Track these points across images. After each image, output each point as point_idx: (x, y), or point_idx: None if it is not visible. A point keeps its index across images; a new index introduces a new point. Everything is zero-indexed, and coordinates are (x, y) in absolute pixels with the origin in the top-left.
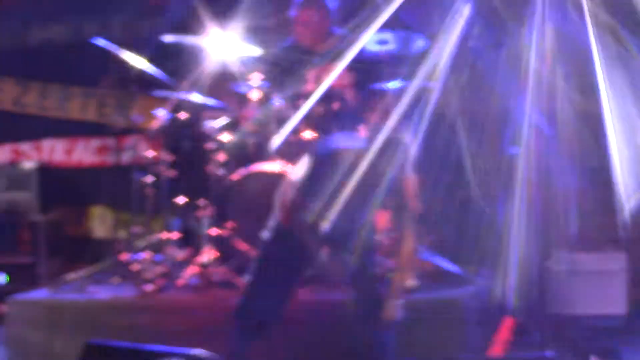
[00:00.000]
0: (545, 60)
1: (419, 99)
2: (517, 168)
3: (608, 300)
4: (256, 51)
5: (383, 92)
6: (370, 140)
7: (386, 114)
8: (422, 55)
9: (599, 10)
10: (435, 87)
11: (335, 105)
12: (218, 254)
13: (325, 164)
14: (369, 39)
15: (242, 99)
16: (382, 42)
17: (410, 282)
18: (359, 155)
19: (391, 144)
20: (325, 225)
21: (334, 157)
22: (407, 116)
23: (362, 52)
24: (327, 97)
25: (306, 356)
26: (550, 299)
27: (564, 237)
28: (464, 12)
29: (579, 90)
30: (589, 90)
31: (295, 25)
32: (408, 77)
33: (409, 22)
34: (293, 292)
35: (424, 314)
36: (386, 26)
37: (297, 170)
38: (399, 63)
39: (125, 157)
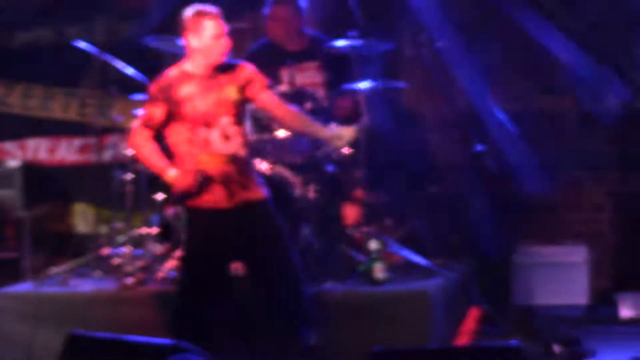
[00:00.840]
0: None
1: (388, 98)
2: (484, 164)
3: (570, 291)
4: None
5: (353, 91)
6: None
7: (356, 112)
8: (390, 56)
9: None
10: (403, 86)
11: (308, 105)
12: None
13: None
14: (341, 40)
15: None
16: (353, 43)
17: (381, 273)
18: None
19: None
20: None
21: None
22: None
23: (333, 53)
24: (300, 96)
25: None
26: (514, 290)
27: (527, 231)
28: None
29: (541, 90)
30: (550, 90)
31: (268, 21)
32: (377, 76)
33: (379, 25)
34: None
35: (394, 305)
36: (357, 29)
37: None
38: (369, 63)
39: (106, 156)
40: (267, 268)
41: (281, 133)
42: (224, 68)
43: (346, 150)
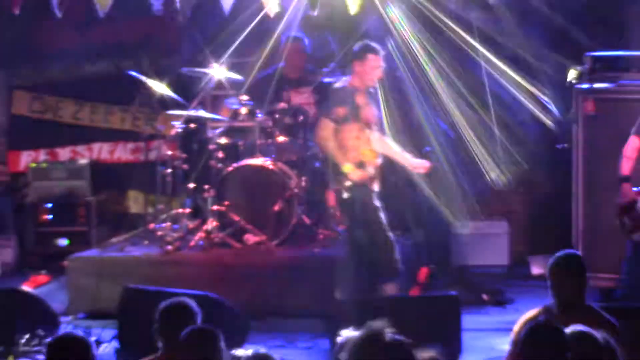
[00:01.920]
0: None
1: None
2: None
3: (495, 254)
4: (242, 79)
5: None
6: None
7: None
8: None
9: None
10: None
11: (300, 118)
12: (218, 223)
13: None
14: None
15: (235, 113)
16: (334, 75)
17: None
18: None
19: None
20: None
21: None
22: None
23: (321, 82)
24: (295, 111)
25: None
26: (454, 254)
27: (463, 210)
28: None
29: (470, 105)
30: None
31: (283, 52)
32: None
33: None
34: None
35: None
36: (336, 63)
37: None
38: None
39: (152, 155)
40: None
41: (281, 138)
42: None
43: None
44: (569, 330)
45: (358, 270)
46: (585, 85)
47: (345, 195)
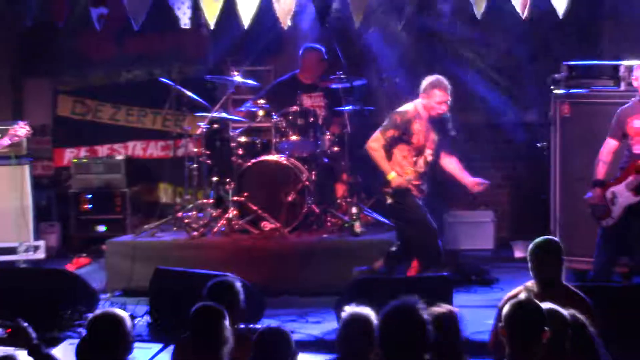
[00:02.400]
0: None
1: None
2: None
3: (482, 240)
4: (259, 84)
5: (341, 112)
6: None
7: (343, 125)
8: (364, 88)
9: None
10: (372, 108)
11: (311, 119)
12: (238, 212)
13: None
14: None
15: (253, 115)
16: (342, 81)
17: (359, 228)
18: None
19: None
20: None
21: None
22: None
23: (329, 87)
24: (307, 113)
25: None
26: (446, 239)
27: (454, 201)
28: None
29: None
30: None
31: (301, 60)
32: (356, 102)
33: (357, 68)
34: None
35: (368, 249)
36: (343, 71)
37: None
38: (350, 94)
39: (179, 152)
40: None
41: (293, 137)
42: (438, 120)
43: (336, 148)
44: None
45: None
46: (561, 91)
47: (389, 200)
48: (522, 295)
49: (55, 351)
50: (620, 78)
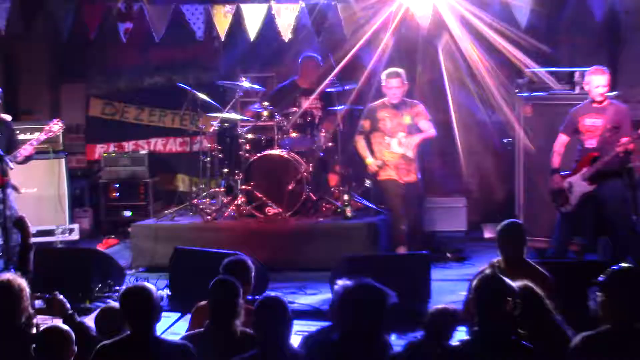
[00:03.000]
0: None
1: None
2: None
3: (456, 222)
4: (263, 88)
5: (334, 112)
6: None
7: (336, 123)
8: (354, 91)
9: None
10: (362, 107)
11: (308, 119)
12: (245, 199)
13: None
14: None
15: (259, 115)
16: (335, 85)
17: (350, 213)
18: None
19: None
20: None
21: None
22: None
23: (324, 91)
24: (304, 114)
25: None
26: (425, 221)
27: (433, 189)
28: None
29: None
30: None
31: (300, 67)
32: (346, 103)
33: (348, 75)
34: None
35: (357, 230)
36: (336, 76)
37: None
38: (342, 96)
39: (195, 147)
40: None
41: (293, 134)
42: (404, 104)
43: (330, 143)
44: None
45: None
46: (525, 94)
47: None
48: (488, 271)
49: (87, 319)
50: (574, 83)
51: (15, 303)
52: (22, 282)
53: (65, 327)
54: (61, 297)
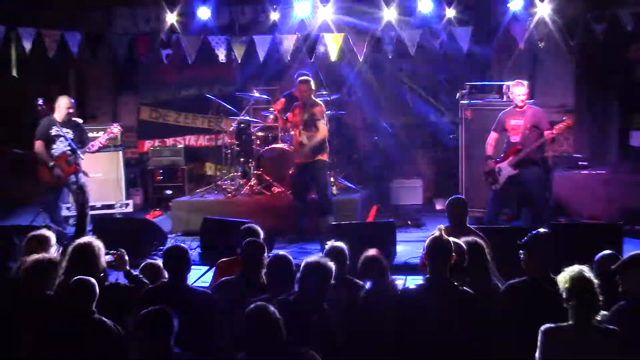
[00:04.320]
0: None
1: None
2: (378, 143)
3: (414, 198)
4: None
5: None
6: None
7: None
8: (338, 100)
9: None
10: (344, 112)
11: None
12: (257, 181)
13: None
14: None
15: (267, 118)
16: (323, 95)
17: (335, 191)
18: None
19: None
20: None
21: None
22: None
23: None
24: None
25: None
26: (391, 198)
27: (396, 173)
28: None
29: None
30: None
31: (296, 86)
32: (332, 109)
33: (334, 87)
34: None
35: (341, 204)
36: (323, 88)
37: None
38: (328, 103)
39: (219, 142)
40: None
41: (292, 132)
42: (310, 103)
43: None
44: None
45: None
46: (465, 101)
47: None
48: (437, 233)
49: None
50: (503, 93)
51: (95, 259)
52: (99, 243)
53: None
54: (125, 253)
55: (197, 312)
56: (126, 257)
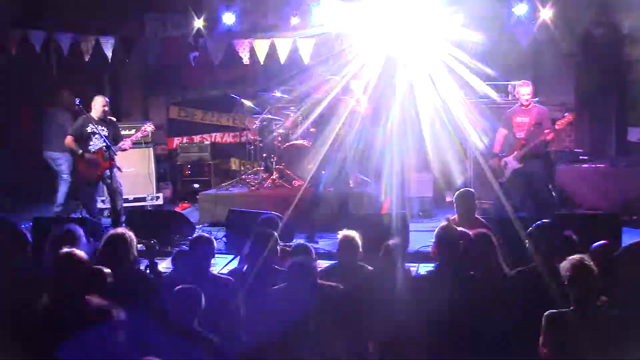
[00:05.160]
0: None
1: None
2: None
3: (426, 190)
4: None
5: None
6: None
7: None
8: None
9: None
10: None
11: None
12: (278, 175)
13: None
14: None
15: (287, 116)
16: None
17: (352, 184)
18: None
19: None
20: None
21: None
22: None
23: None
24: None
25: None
26: (405, 189)
27: (408, 167)
28: None
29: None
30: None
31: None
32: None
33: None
34: None
35: (358, 197)
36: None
37: None
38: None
39: (243, 139)
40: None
41: (312, 129)
42: None
43: None
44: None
45: None
46: (474, 101)
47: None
48: (445, 223)
49: (169, 260)
50: (508, 92)
51: (127, 248)
52: (132, 234)
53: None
54: (155, 243)
55: (220, 298)
56: (156, 248)
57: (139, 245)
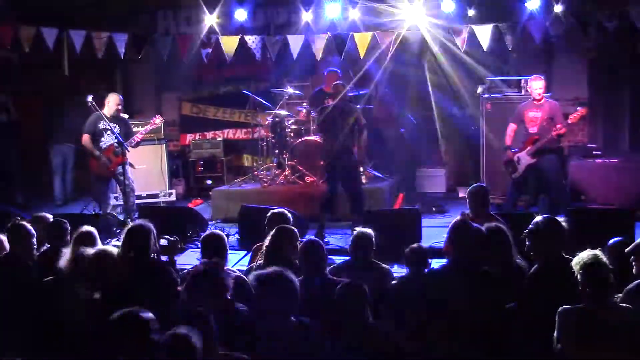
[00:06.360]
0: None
1: (366, 111)
2: (404, 135)
3: (438, 186)
4: (302, 93)
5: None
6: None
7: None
8: (364, 95)
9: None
10: (372, 107)
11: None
12: (290, 171)
13: None
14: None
15: (299, 112)
16: (352, 90)
17: (364, 180)
18: None
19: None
20: None
21: None
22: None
23: (346, 94)
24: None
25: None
26: (417, 186)
27: (421, 162)
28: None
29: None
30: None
31: (325, 78)
32: (360, 103)
33: (360, 84)
34: None
35: (373, 193)
36: (353, 85)
37: None
38: (357, 98)
39: (255, 135)
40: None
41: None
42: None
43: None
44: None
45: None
46: (486, 95)
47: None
48: (459, 218)
49: (183, 256)
50: (520, 87)
51: (147, 241)
52: (151, 226)
53: None
54: (177, 239)
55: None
56: (178, 245)
57: (163, 241)
